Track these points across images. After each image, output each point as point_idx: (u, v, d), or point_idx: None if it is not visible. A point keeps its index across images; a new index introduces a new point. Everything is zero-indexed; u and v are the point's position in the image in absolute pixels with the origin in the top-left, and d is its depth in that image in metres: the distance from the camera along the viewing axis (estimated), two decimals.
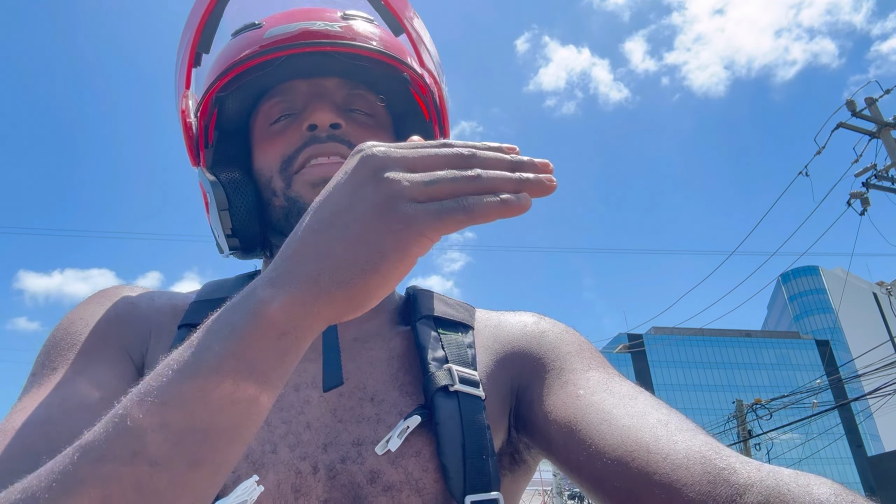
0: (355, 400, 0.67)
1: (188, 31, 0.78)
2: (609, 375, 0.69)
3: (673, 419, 0.59)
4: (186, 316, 0.71)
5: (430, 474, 0.62)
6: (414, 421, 0.63)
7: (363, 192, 0.42)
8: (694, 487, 0.50)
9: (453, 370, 0.67)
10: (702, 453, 0.53)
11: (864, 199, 11.20)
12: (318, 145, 0.72)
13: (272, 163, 0.75)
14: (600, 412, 0.61)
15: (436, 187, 0.42)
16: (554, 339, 0.76)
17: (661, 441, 0.55)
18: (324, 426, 0.64)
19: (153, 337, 0.70)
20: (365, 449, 0.63)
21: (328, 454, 0.62)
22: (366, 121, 0.78)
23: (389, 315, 0.79)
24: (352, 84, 0.79)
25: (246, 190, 0.75)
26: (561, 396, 0.67)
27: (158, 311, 0.73)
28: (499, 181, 0.44)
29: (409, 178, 0.42)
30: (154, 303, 0.75)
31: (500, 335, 0.78)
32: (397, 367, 0.71)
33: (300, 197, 0.72)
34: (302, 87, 0.77)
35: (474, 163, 0.45)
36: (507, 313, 0.83)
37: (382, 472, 0.61)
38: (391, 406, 0.66)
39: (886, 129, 11.11)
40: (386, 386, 0.69)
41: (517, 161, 0.46)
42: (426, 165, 0.44)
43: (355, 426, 0.64)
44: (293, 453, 0.61)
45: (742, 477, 0.49)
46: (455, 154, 0.45)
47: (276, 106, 0.77)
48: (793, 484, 0.47)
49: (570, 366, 0.71)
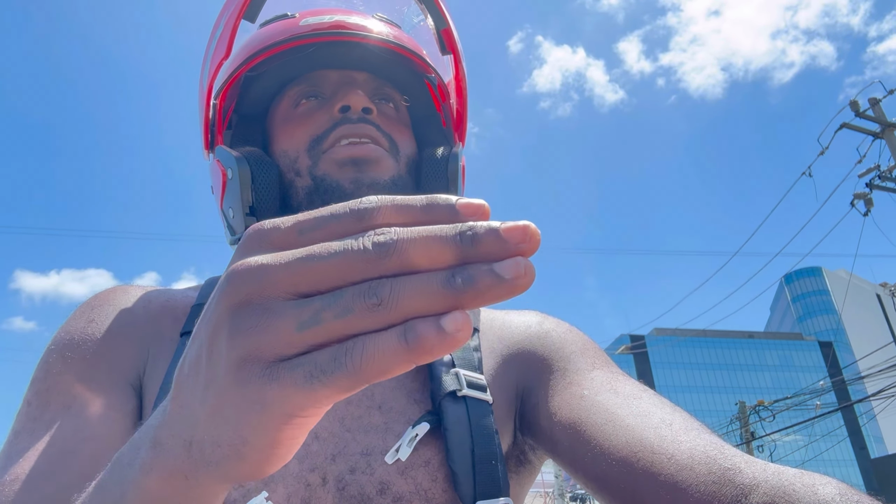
0: (363, 408, 0.66)
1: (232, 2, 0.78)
2: (613, 374, 0.69)
3: (677, 418, 0.59)
4: (189, 321, 0.69)
5: (440, 484, 0.61)
6: (423, 428, 0.62)
7: (218, 338, 0.28)
8: (699, 488, 0.50)
9: (461, 374, 0.67)
10: (706, 453, 0.52)
11: (868, 200, 11.17)
12: (349, 125, 0.72)
13: (299, 143, 0.74)
14: (605, 412, 0.61)
15: (311, 332, 0.27)
16: (558, 340, 0.75)
17: (665, 441, 0.55)
18: (332, 436, 0.63)
19: (152, 347, 0.68)
20: (374, 459, 0.62)
21: (337, 465, 0.61)
22: (392, 114, 0.79)
23: None
24: (380, 81, 0.80)
25: (270, 167, 0.73)
26: (565, 397, 0.66)
27: (155, 318, 0.71)
28: (419, 303, 0.26)
29: (276, 319, 0.27)
30: (150, 308, 0.72)
31: (505, 336, 0.77)
32: (404, 373, 0.69)
33: (327, 175, 0.71)
34: (332, 77, 0.78)
35: (388, 265, 0.27)
36: (511, 312, 0.82)
37: (392, 483, 0.61)
38: (399, 414, 0.65)
39: (890, 129, 11.07)
40: (393, 393, 0.67)
41: (470, 240, 0.26)
42: (316, 280, 0.27)
43: (363, 436, 0.63)
44: (302, 465, 0.60)
45: (747, 477, 0.49)
46: (358, 258, 0.27)
47: (303, 91, 0.77)
48: (798, 484, 0.46)
49: (575, 366, 0.70)
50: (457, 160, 0.79)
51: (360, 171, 0.70)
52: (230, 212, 0.74)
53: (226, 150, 0.74)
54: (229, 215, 0.75)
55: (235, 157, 0.72)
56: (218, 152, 0.77)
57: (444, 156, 0.79)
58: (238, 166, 0.71)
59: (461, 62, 0.83)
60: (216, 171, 0.77)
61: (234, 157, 0.72)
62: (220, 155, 0.76)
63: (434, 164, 0.78)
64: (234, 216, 0.73)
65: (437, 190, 0.77)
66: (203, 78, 0.81)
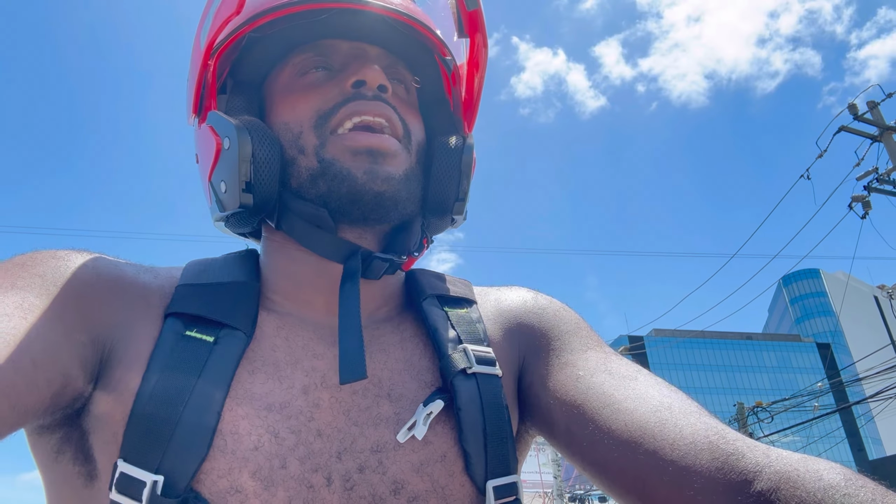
0: (370, 398, 0.63)
1: None
2: (607, 355, 0.68)
3: (675, 401, 0.59)
4: (174, 302, 0.63)
5: (457, 478, 0.60)
6: (437, 406, 0.61)
7: None
8: (703, 474, 0.50)
9: (469, 350, 0.66)
10: (708, 438, 0.52)
11: (866, 203, 11.18)
12: (362, 102, 0.66)
13: (303, 117, 0.67)
14: (602, 395, 0.60)
15: None
16: (553, 317, 0.74)
17: (666, 426, 0.55)
18: (336, 431, 0.60)
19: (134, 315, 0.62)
20: (386, 456, 0.59)
21: (343, 463, 0.58)
22: (404, 96, 0.73)
23: (397, 297, 0.75)
24: (393, 58, 0.74)
25: (273, 143, 0.65)
26: (561, 378, 0.65)
27: (146, 286, 0.65)
28: None
29: None
30: (140, 278, 0.66)
31: (502, 310, 0.76)
32: (410, 351, 0.68)
33: (336, 161, 0.64)
34: (343, 47, 0.71)
35: None
36: (502, 289, 0.81)
37: (407, 482, 0.58)
38: (410, 402, 0.63)
39: (888, 132, 11.09)
40: (402, 376, 0.65)
41: None
42: None
43: (373, 429, 0.60)
44: (304, 466, 0.56)
45: (750, 462, 0.49)
46: None
47: (309, 60, 0.70)
48: (802, 469, 0.46)
49: (569, 345, 0.70)
50: (471, 151, 0.73)
51: (376, 162, 0.64)
52: (222, 185, 0.66)
53: (222, 116, 0.66)
54: (220, 188, 0.66)
55: (235, 125, 0.64)
56: (211, 118, 0.68)
57: (458, 147, 0.72)
58: (238, 136, 0.63)
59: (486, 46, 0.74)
60: (208, 139, 0.68)
61: (234, 125, 0.64)
62: (215, 121, 0.67)
63: (447, 155, 0.72)
64: (226, 191, 0.65)
65: (448, 182, 0.71)
66: (201, 33, 0.73)
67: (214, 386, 0.57)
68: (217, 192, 0.68)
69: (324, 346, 0.65)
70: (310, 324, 0.68)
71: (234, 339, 0.61)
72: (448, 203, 0.72)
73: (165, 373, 0.57)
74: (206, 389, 0.57)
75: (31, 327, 0.52)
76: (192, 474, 0.53)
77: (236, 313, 0.63)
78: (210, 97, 0.71)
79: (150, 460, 0.53)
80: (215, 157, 0.66)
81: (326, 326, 0.68)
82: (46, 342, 0.53)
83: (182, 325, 0.61)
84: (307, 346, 0.65)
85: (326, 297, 0.68)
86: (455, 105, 0.79)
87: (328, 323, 0.68)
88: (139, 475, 0.52)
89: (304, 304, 0.69)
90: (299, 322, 0.67)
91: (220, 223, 0.73)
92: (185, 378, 0.57)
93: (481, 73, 0.76)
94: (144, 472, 0.52)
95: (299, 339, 0.66)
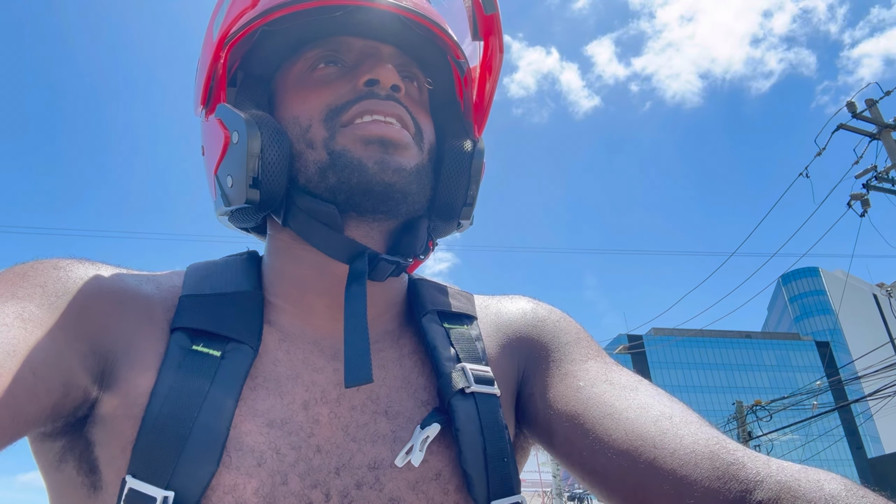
0: (368, 414, 0.63)
1: None
2: (607, 365, 0.68)
3: (676, 411, 0.58)
4: (179, 316, 0.62)
5: (451, 496, 0.60)
6: (434, 430, 0.61)
7: None
8: (703, 483, 0.50)
9: (467, 370, 0.65)
10: (709, 448, 0.52)
11: (865, 201, 11.19)
12: (375, 100, 0.65)
13: (313, 111, 0.66)
14: (603, 405, 0.60)
15: None
16: (553, 328, 0.74)
17: (667, 436, 0.55)
18: (335, 447, 0.60)
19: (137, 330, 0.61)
20: (382, 473, 0.59)
21: (341, 478, 0.58)
22: (416, 96, 0.73)
23: (399, 305, 0.74)
24: (406, 58, 0.73)
25: (282, 138, 0.64)
26: (561, 389, 0.65)
27: (148, 299, 0.64)
28: None
29: None
30: (142, 289, 0.65)
31: (502, 323, 0.76)
32: (409, 368, 0.68)
33: (347, 150, 0.63)
34: (356, 45, 0.70)
35: None
36: (503, 299, 0.81)
37: (403, 500, 0.58)
38: (407, 420, 0.63)
39: (887, 130, 11.10)
40: (399, 393, 0.65)
41: None
42: None
43: (370, 446, 0.61)
44: (304, 482, 0.57)
45: (751, 472, 0.48)
46: None
47: (322, 55, 0.70)
48: (803, 479, 0.46)
49: (570, 356, 0.69)
50: (481, 157, 0.72)
51: (388, 152, 0.63)
52: (228, 179, 0.65)
53: (231, 109, 0.65)
54: (227, 183, 0.65)
55: (245, 119, 0.63)
56: (220, 111, 0.67)
57: (469, 151, 0.72)
58: (248, 131, 0.62)
59: (502, 51, 0.75)
60: (215, 132, 0.67)
61: (244, 119, 0.63)
62: (224, 114, 0.66)
63: (458, 159, 0.71)
64: (233, 185, 0.64)
65: (457, 186, 0.71)
66: (214, 25, 0.72)
67: (224, 401, 0.57)
68: (223, 186, 0.67)
69: (324, 359, 0.65)
70: (310, 335, 0.67)
71: (241, 353, 0.61)
72: (456, 207, 0.71)
73: (175, 389, 0.57)
74: (217, 404, 0.56)
75: (31, 337, 0.52)
76: (203, 489, 0.53)
77: (242, 327, 0.63)
78: (219, 89, 0.69)
79: (160, 476, 0.52)
80: (223, 150, 0.65)
81: (327, 337, 0.67)
82: (47, 352, 0.52)
83: (188, 339, 0.61)
84: (307, 359, 0.65)
85: (329, 302, 0.68)
86: (466, 108, 0.78)
87: (329, 333, 0.68)
88: (149, 491, 0.51)
89: (307, 309, 0.68)
90: (300, 333, 0.67)
91: (223, 217, 0.72)
92: (195, 394, 0.56)
93: (494, 77, 0.76)
94: (154, 489, 0.52)
95: (300, 351, 0.65)
